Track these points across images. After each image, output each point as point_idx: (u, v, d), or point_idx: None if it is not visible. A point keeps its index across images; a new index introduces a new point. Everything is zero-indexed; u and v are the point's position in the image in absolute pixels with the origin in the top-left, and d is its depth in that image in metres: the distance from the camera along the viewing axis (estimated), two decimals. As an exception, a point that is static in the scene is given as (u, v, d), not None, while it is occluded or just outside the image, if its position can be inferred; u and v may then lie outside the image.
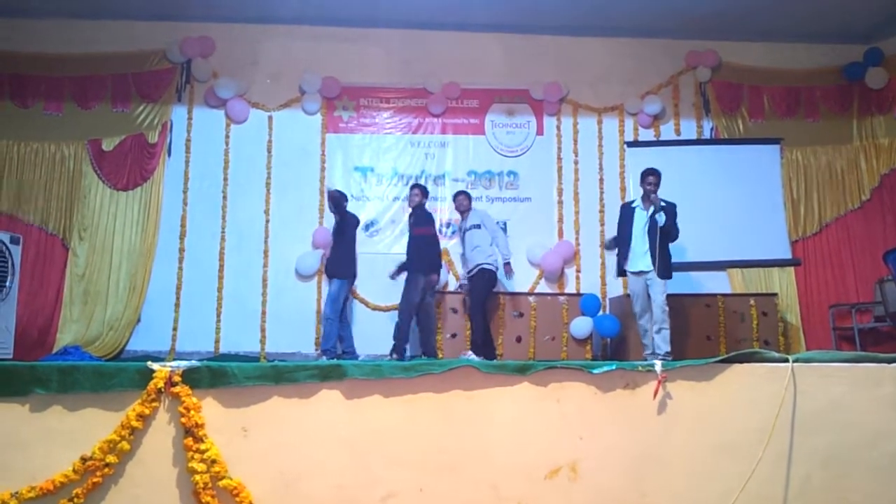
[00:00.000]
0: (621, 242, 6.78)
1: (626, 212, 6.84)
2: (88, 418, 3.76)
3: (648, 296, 6.50)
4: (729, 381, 4.06)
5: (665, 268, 6.48)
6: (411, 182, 8.71)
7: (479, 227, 7.59)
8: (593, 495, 3.90)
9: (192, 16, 8.71)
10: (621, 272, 6.87)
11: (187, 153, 8.69)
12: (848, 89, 9.21)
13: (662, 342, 6.32)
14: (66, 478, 3.63)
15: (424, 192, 7.67)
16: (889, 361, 4.14)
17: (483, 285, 7.42)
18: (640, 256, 6.56)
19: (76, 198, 8.38)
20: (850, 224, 8.93)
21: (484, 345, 7.20)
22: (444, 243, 8.43)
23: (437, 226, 8.07)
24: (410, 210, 7.72)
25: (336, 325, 7.30)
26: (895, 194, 8.80)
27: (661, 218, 6.46)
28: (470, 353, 7.08)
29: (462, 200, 7.80)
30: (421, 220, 7.54)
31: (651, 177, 6.61)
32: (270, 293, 8.45)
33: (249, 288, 8.44)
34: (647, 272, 6.49)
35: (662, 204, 6.49)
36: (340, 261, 7.46)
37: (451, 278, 8.47)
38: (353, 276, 7.59)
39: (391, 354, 7.06)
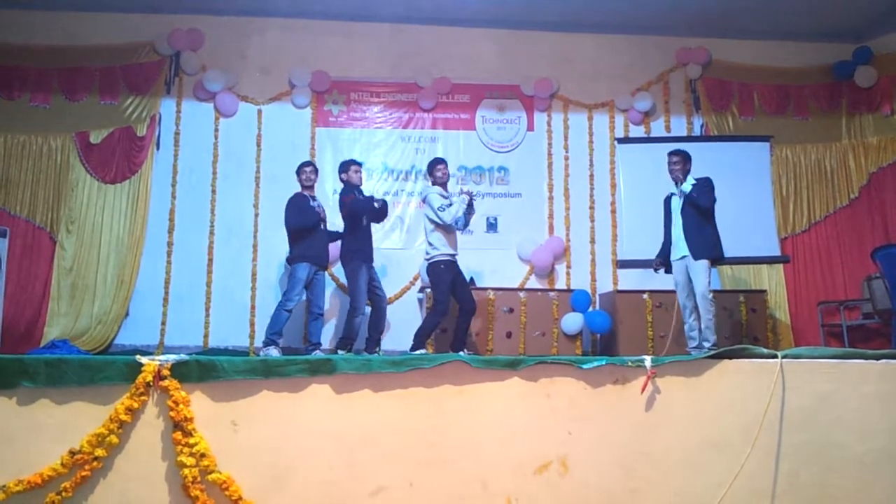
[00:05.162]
0: (665, 236, 6.60)
1: (666, 204, 6.64)
2: (76, 412, 3.74)
3: (690, 283, 6.32)
4: (718, 376, 4.08)
5: (701, 247, 6.25)
6: (401, 177, 8.76)
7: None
8: (582, 490, 3.92)
9: (181, 8, 8.65)
10: (668, 268, 6.59)
11: (176, 146, 8.62)
12: (837, 88, 9.24)
13: (709, 333, 6.16)
14: (55, 471, 3.62)
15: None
16: (876, 358, 4.17)
17: None
18: (679, 241, 6.40)
19: (63, 191, 8.30)
20: (839, 221, 8.96)
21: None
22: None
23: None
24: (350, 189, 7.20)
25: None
26: (883, 192, 8.84)
27: (688, 187, 6.31)
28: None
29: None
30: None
31: (673, 157, 6.47)
32: (259, 287, 8.42)
33: (238, 282, 8.40)
34: (685, 256, 6.33)
35: (693, 180, 6.34)
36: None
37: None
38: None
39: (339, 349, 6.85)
